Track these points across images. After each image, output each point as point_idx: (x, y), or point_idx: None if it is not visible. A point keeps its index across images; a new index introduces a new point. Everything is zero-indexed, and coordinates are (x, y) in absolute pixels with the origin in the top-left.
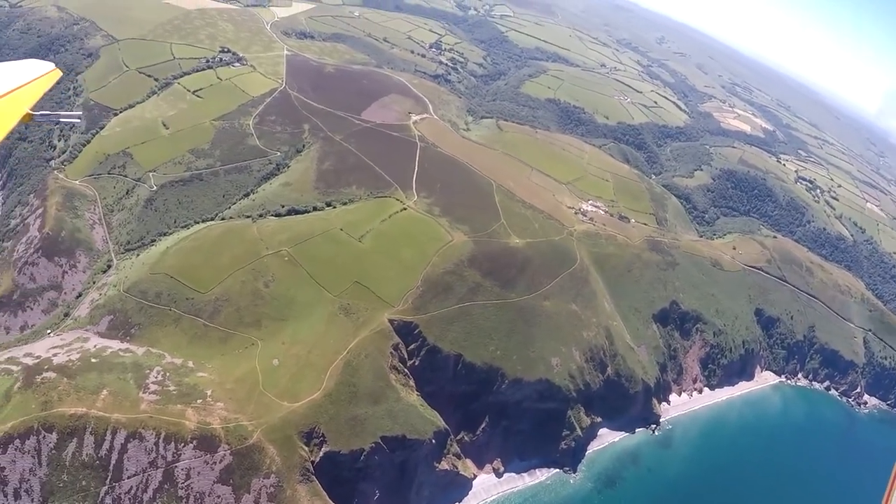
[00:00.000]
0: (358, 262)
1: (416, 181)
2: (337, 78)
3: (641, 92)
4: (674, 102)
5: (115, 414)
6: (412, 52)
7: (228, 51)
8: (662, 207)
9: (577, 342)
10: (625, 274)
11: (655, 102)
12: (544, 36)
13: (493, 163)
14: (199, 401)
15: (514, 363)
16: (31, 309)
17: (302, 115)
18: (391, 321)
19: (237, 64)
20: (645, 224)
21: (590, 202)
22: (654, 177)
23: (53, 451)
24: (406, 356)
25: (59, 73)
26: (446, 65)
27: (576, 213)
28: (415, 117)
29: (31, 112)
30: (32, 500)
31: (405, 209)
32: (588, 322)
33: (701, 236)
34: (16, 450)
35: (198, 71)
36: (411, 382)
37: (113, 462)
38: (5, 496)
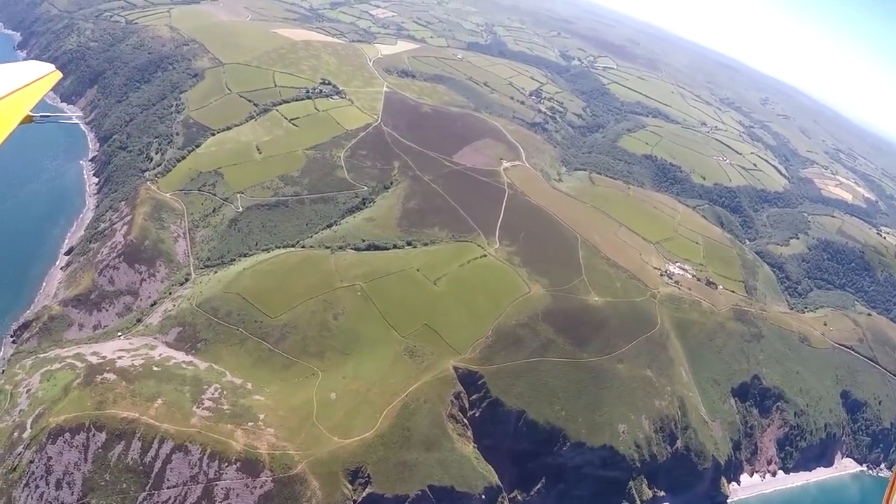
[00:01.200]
0: (430, 305)
1: (499, 228)
2: (433, 118)
3: (741, 153)
4: (774, 166)
5: (165, 424)
6: (512, 98)
7: (329, 83)
8: (753, 275)
9: (648, 410)
10: (706, 343)
11: (755, 165)
12: (646, 90)
13: (581, 216)
14: (250, 423)
15: (578, 426)
16: (107, 310)
17: (393, 152)
18: (456, 368)
19: (336, 97)
20: (733, 291)
21: (677, 264)
22: (747, 242)
23: (100, 450)
24: (467, 406)
25: (59, 75)
26: (545, 113)
27: (661, 275)
28: (506, 164)
29: (31, 114)
30: (73, 493)
31: (485, 256)
32: (662, 390)
33: (791, 308)
34: (65, 442)
35: (297, 100)
36: (469, 433)
37: (156, 470)
38: (47, 485)
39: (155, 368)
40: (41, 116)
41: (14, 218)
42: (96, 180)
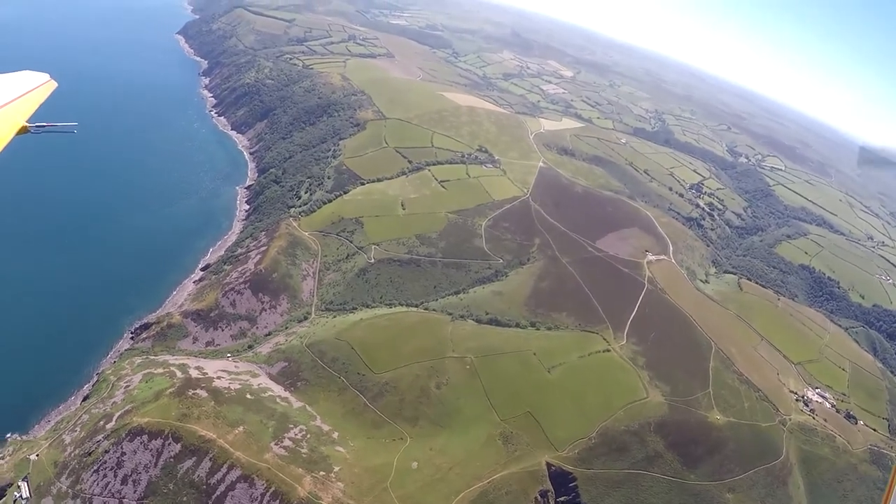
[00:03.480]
0: (538, 393)
1: (630, 324)
2: (583, 199)
3: None
4: None
5: (238, 451)
6: (670, 189)
7: (485, 150)
8: None
9: None
10: (833, 484)
11: None
12: (813, 196)
13: (721, 323)
14: (321, 472)
15: None
16: (222, 330)
17: (536, 228)
18: (549, 465)
19: (489, 165)
20: (874, 430)
21: (817, 390)
22: None
23: (171, 460)
24: None
25: (54, 85)
26: (702, 209)
27: (796, 400)
28: (651, 256)
29: (27, 124)
30: (135, 491)
31: (608, 351)
32: None
33: None
34: (141, 443)
35: (450, 163)
36: None
37: (217, 493)
38: (115, 476)
39: (248, 396)
40: (37, 126)
41: (170, 225)
42: (247, 207)
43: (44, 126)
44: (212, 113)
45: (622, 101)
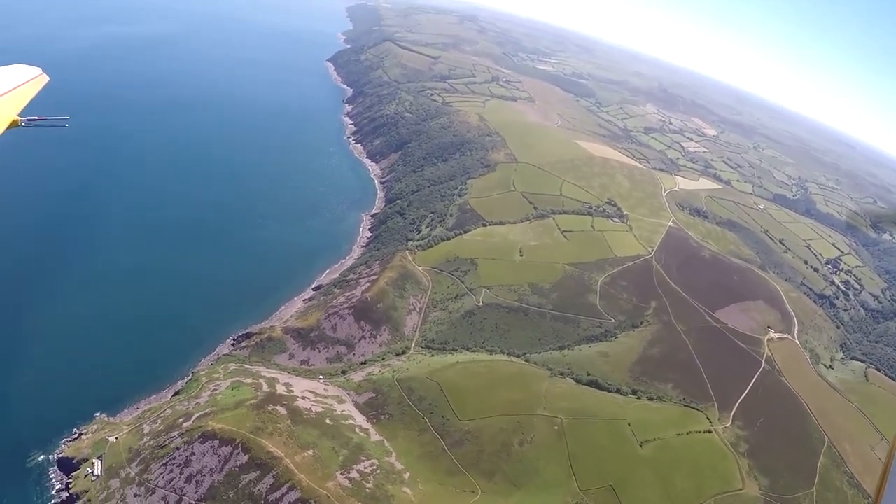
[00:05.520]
0: (625, 467)
1: (738, 406)
2: (709, 265)
3: None
4: None
5: (302, 474)
6: (805, 262)
7: (614, 204)
8: None
9: None
10: None
11: None
12: None
13: (839, 416)
14: None
15: None
16: (319, 351)
17: (655, 291)
18: None
19: (616, 219)
20: None
21: None
22: None
23: (236, 469)
24: None
25: (46, 79)
26: (837, 286)
27: None
28: (772, 334)
29: (18, 118)
30: (196, 492)
31: (709, 432)
32: None
33: None
34: (211, 447)
35: (576, 213)
36: None
37: None
38: (180, 474)
39: (327, 421)
40: (28, 120)
41: (296, 241)
42: (369, 234)
43: (35, 120)
44: (350, 139)
45: (764, 165)
